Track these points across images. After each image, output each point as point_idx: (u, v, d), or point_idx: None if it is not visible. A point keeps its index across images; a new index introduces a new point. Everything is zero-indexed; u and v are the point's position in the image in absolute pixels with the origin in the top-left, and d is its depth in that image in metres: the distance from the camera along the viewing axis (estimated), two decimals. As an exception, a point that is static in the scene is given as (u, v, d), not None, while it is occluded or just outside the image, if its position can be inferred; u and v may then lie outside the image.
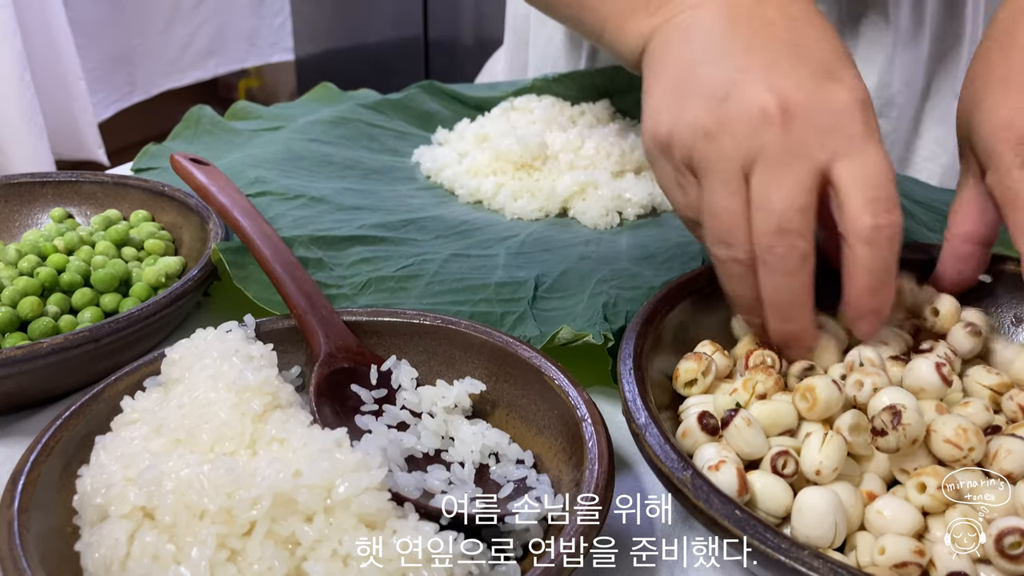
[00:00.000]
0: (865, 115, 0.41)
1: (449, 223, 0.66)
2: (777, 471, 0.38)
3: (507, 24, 1.03)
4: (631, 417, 0.40)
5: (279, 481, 0.34)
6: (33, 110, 1.61)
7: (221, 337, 0.43)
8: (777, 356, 0.45)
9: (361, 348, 0.47)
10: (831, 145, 0.40)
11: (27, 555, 0.34)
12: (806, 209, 0.40)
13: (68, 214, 0.63)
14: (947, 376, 0.40)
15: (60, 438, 0.39)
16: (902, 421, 0.36)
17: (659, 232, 0.66)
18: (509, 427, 0.45)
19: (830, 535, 0.36)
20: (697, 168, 0.43)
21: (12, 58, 1.53)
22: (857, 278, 0.41)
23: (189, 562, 0.33)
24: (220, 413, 0.39)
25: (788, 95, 0.41)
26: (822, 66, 0.42)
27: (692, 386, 0.44)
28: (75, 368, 0.48)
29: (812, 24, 0.44)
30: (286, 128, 0.81)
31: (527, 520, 0.37)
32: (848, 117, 0.41)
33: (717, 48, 0.43)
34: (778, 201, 0.40)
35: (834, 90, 0.41)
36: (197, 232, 0.60)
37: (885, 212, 0.40)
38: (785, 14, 0.44)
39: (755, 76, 0.41)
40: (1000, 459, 0.36)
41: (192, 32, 2.38)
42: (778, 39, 0.43)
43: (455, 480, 0.40)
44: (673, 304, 0.47)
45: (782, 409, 0.40)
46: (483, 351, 0.46)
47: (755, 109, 0.41)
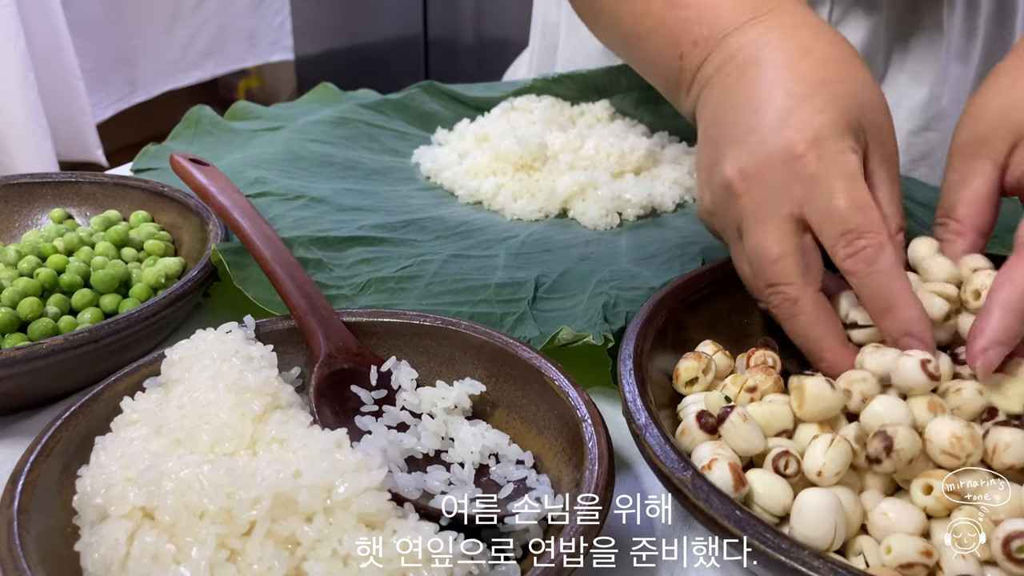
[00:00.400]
0: (818, 152, 0.43)
1: (449, 224, 0.66)
2: (779, 471, 0.38)
3: (534, 29, 1.03)
4: (631, 417, 0.40)
5: (279, 481, 0.34)
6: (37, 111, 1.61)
7: (221, 338, 0.43)
8: (777, 357, 0.45)
9: (361, 349, 0.47)
10: (793, 195, 0.44)
11: (27, 555, 0.34)
12: (781, 259, 0.44)
13: (68, 215, 0.63)
14: (933, 372, 0.40)
15: (60, 438, 0.39)
16: (894, 447, 0.37)
17: (659, 232, 0.66)
18: (509, 428, 0.45)
19: (829, 536, 0.36)
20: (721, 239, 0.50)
21: (16, 58, 1.53)
22: (868, 307, 0.43)
23: (189, 562, 0.33)
24: (220, 414, 0.39)
25: (744, 164, 0.45)
26: (778, 116, 0.44)
27: (692, 385, 0.44)
28: (75, 369, 0.48)
29: (772, 67, 0.46)
30: (286, 128, 0.81)
31: (527, 520, 0.37)
32: (799, 163, 0.43)
33: (707, 132, 0.49)
34: (756, 259, 0.45)
35: (787, 138, 0.44)
36: (197, 233, 0.60)
37: (856, 239, 0.42)
38: (753, 63, 0.47)
39: (726, 153, 0.46)
40: (1000, 454, 0.36)
41: (193, 32, 2.38)
42: (743, 102, 0.46)
43: (455, 481, 0.40)
44: (673, 304, 0.47)
45: (778, 410, 0.41)
46: (483, 352, 0.46)
47: (724, 185, 0.46)
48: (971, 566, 0.34)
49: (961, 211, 0.47)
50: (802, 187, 0.43)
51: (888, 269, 0.42)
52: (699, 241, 0.61)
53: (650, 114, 0.83)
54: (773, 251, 0.44)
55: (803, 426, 0.41)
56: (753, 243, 0.45)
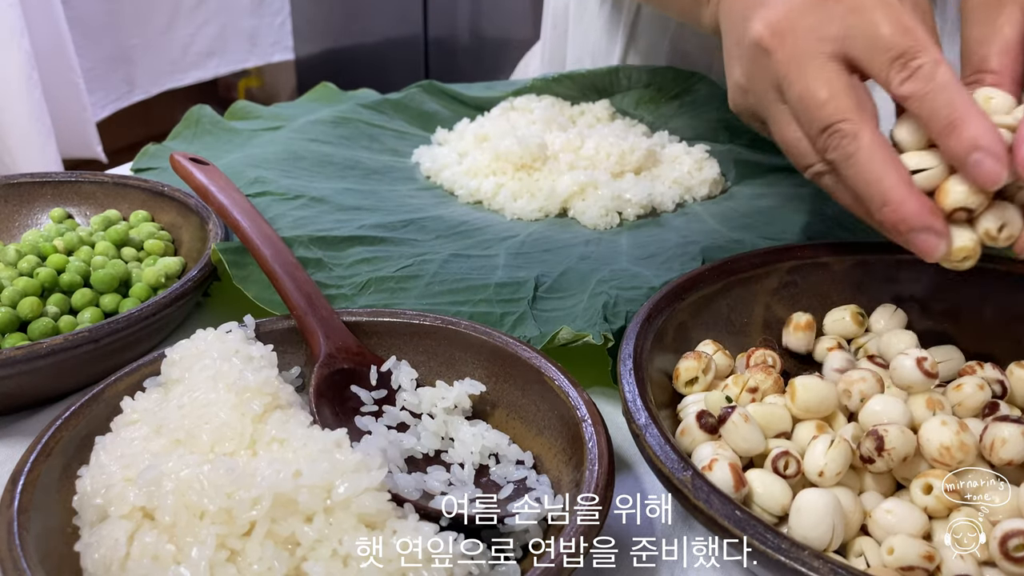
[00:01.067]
0: None
1: (449, 223, 0.66)
2: (778, 471, 0.38)
3: (545, 20, 1.03)
4: (631, 417, 0.40)
5: (279, 481, 0.34)
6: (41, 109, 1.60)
7: (221, 338, 0.43)
8: (777, 357, 0.45)
9: (361, 349, 0.47)
10: (831, 34, 0.43)
11: (27, 555, 0.34)
12: (833, 98, 0.42)
13: (68, 214, 0.63)
14: (930, 370, 0.40)
15: (60, 438, 0.39)
16: (885, 447, 0.37)
17: (659, 232, 0.66)
18: (509, 427, 0.45)
19: (827, 537, 0.36)
20: (759, 119, 0.48)
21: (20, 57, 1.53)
22: (931, 129, 0.41)
23: (189, 562, 0.33)
24: (220, 413, 0.39)
25: (772, 18, 0.44)
26: None
27: (692, 385, 0.44)
28: (75, 369, 0.48)
29: None
30: (286, 128, 0.81)
31: (527, 521, 0.37)
32: (834, 2, 0.43)
33: (729, 10, 0.49)
34: (804, 108, 0.43)
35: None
36: (197, 232, 0.60)
37: (911, 60, 0.41)
38: None
39: (751, 17, 0.45)
40: (997, 450, 0.36)
41: (193, 32, 2.37)
42: None
43: (455, 481, 0.40)
44: (673, 304, 0.47)
45: (776, 412, 0.41)
46: (483, 351, 0.46)
47: (755, 45, 0.45)
48: (970, 566, 0.34)
49: (996, 62, 0.45)
50: (839, 24, 0.42)
51: (949, 82, 0.40)
52: (699, 241, 0.61)
53: (650, 114, 0.83)
54: (822, 93, 0.42)
55: (801, 426, 0.41)
56: (798, 92, 0.43)
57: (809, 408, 0.40)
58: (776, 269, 0.51)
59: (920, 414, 0.39)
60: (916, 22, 0.42)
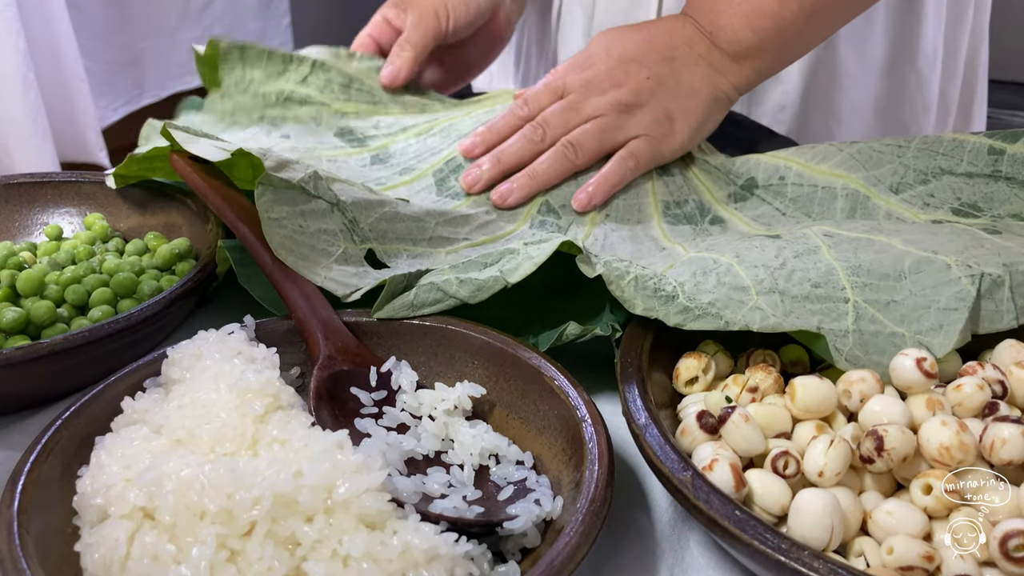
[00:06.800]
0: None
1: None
2: (778, 471, 0.38)
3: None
4: (631, 418, 0.40)
5: (280, 481, 0.34)
6: (37, 110, 1.60)
7: (223, 338, 0.43)
8: (777, 357, 0.45)
9: (361, 349, 0.47)
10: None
11: (27, 555, 0.34)
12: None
13: (61, 230, 0.62)
14: (930, 370, 0.40)
15: (60, 438, 0.39)
16: (885, 447, 0.37)
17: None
18: (509, 428, 0.45)
19: (826, 537, 0.36)
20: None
21: (16, 58, 1.53)
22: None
23: (189, 562, 0.33)
24: (221, 414, 0.39)
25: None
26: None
27: (692, 385, 0.44)
28: (75, 369, 0.48)
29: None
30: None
31: (527, 524, 0.37)
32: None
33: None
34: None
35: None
36: (197, 232, 0.60)
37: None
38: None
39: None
40: (997, 450, 0.36)
41: (201, 34, 2.37)
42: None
43: (455, 482, 0.40)
44: (673, 304, 0.47)
45: (776, 412, 0.41)
46: (483, 352, 0.46)
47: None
48: (970, 566, 0.34)
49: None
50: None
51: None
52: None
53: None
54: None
55: (800, 426, 0.41)
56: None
57: (809, 408, 0.40)
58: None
59: (920, 414, 0.39)
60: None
